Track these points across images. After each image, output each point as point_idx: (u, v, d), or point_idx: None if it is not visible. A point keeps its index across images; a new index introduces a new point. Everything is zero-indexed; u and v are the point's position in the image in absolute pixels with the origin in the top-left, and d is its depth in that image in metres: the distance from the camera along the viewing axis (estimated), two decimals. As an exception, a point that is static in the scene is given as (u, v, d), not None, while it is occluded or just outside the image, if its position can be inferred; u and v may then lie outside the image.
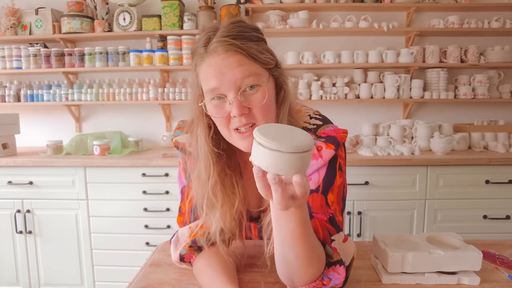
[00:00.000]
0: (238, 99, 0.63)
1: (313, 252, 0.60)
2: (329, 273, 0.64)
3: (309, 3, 2.31)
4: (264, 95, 0.65)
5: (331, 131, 0.73)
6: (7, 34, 2.42)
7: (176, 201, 2.02)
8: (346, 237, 0.68)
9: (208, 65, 0.65)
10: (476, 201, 1.97)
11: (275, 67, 0.70)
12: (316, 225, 0.66)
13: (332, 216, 0.68)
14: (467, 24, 2.27)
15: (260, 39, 0.69)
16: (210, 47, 0.64)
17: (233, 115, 0.64)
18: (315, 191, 0.69)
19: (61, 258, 2.09)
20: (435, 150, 2.07)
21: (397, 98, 2.33)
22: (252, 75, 0.64)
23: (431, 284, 0.69)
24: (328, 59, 2.32)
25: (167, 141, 2.49)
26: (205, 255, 0.75)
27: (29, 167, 2.04)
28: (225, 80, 0.63)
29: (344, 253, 0.65)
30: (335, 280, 0.64)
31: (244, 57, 0.64)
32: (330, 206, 0.69)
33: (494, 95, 2.37)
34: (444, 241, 0.76)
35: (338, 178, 0.71)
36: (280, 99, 0.71)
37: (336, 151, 0.70)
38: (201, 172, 0.72)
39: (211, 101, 0.66)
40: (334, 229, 0.67)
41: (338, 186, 0.71)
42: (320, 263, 0.62)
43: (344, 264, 0.64)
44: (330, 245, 0.65)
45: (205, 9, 2.34)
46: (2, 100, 2.48)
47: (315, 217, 0.67)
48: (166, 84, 2.45)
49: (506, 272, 0.74)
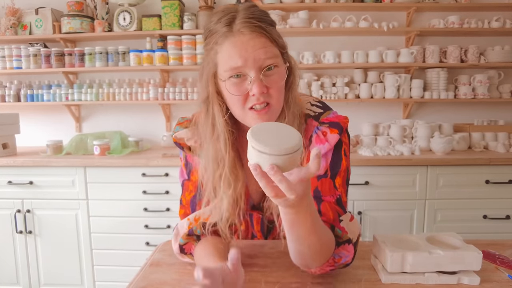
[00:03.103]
0: (260, 78, 0.66)
1: (324, 240, 0.64)
2: (340, 252, 0.69)
3: (309, 3, 2.31)
4: (282, 76, 0.70)
5: (334, 118, 0.77)
6: (7, 34, 2.42)
7: (176, 201, 2.02)
8: (352, 216, 0.73)
9: (233, 44, 0.66)
10: (476, 201, 1.97)
11: (286, 52, 0.74)
12: (326, 208, 0.71)
13: (339, 197, 0.73)
14: (467, 24, 2.27)
15: (275, 24, 0.73)
16: (236, 27, 0.67)
17: (253, 94, 0.67)
18: (324, 176, 0.74)
19: (61, 258, 2.09)
20: (435, 150, 2.07)
21: (397, 98, 2.33)
22: (273, 57, 0.68)
23: (431, 284, 0.69)
24: (328, 59, 2.32)
25: (167, 141, 2.49)
26: (202, 243, 0.77)
27: (29, 167, 2.04)
28: (250, 59, 0.66)
29: (351, 232, 0.70)
30: (345, 258, 0.69)
31: (268, 40, 0.68)
32: (337, 188, 0.74)
33: (494, 95, 2.37)
34: (444, 241, 0.76)
35: (344, 162, 0.75)
36: (290, 83, 0.74)
37: (340, 135, 0.74)
38: (219, 150, 0.73)
39: (229, 79, 0.68)
40: (342, 210, 0.72)
41: (344, 170, 0.75)
42: (331, 246, 0.67)
43: (352, 241, 0.69)
44: (339, 226, 0.69)
45: (205, 9, 2.34)
46: (2, 100, 2.48)
47: (324, 200, 0.72)
48: (166, 84, 2.45)
49: (506, 272, 0.74)
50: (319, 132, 0.75)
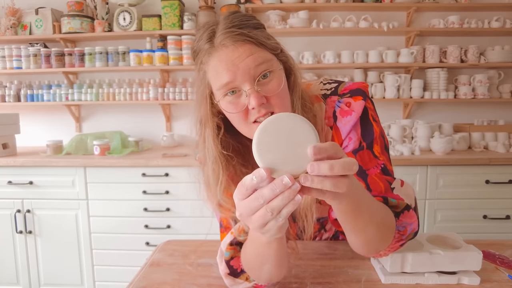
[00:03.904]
0: (255, 89, 0.60)
1: (384, 218, 0.60)
2: (402, 222, 0.64)
3: (309, 3, 2.31)
4: (280, 81, 0.63)
5: (352, 85, 0.72)
6: (7, 34, 2.42)
7: (176, 201, 2.03)
8: (402, 181, 0.68)
9: (218, 60, 0.61)
10: (476, 201, 1.97)
11: (281, 52, 0.68)
12: (374, 180, 0.66)
13: (384, 166, 0.68)
14: (467, 24, 2.27)
15: (262, 25, 0.68)
16: (216, 41, 0.62)
17: (252, 107, 0.60)
18: (360, 149, 0.68)
19: (61, 258, 2.09)
20: (435, 150, 2.07)
21: (397, 98, 2.33)
22: (264, 62, 0.62)
23: (431, 284, 0.69)
24: (328, 59, 2.32)
25: (167, 141, 2.49)
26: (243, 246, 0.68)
27: (29, 167, 2.04)
28: (239, 72, 0.60)
29: (407, 196, 0.66)
30: (410, 226, 0.64)
31: (253, 45, 0.62)
32: (378, 157, 0.68)
33: (494, 95, 2.37)
34: (444, 241, 0.76)
35: (376, 128, 0.70)
36: (292, 84, 0.69)
37: (364, 101, 0.69)
38: (209, 176, 0.68)
39: (224, 98, 0.63)
40: (391, 178, 0.67)
41: (379, 137, 0.69)
42: (391, 222, 0.62)
43: (411, 206, 0.65)
44: (392, 195, 0.65)
45: (205, 9, 2.34)
46: (2, 100, 2.48)
47: (369, 174, 0.66)
48: (166, 84, 2.45)
49: (506, 272, 0.73)
50: (342, 104, 0.70)
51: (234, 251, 0.68)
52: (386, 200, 0.64)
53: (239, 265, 0.67)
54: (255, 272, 0.65)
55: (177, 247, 0.91)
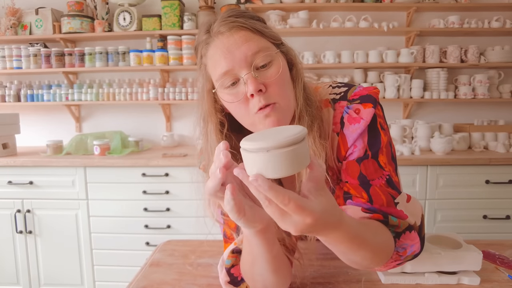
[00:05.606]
0: (252, 74, 0.59)
1: (378, 243, 0.57)
2: (402, 243, 0.61)
3: (309, 3, 2.31)
4: (278, 67, 0.61)
5: (362, 91, 0.68)
6: (7, 34, 2.42)
7: (176, 201, 2.02)
8: (408, 196, 0.65)
9: (215, 48, 0.61)
10: (476, 201, 1.97)
11: (282, 44, 0.67)
12: (377, 193, 0.62)
13: (389, 177, 0.65)
14: (467, 24, 2.27)
15: (260, 18, 0.67)
16: (213, 30, 0.62)
17: (250, 93, 0.59)
18: (365, 158, 0.65)
19: (61, 258, 2.09)
20: (435, 150, 2.07)
21: (397, 98, 2.33)
22: (262, 49, 0.60)
23: (431, 284, 0.69)
24: (328, 59, 2.32)
25: (167, 141, 2.49)
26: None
27: (29, 167, 2.04)
28: (236, 58, 0.59)
29: (412, 214, 0.62)
30: (411, 248, 0.61)
31: (249, 32, 0.61)
32: (384, 168, 0.65)
33: (494, 95, 2.37)
34: (444, 241, 0.76)
35: (383, 137, 0.66)
36: (294, 76, 0.67)
37: (374, 108, 0.65)
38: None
39: (224, 90, 0.62)
40: (395, 192, 0.64)
41: (386, 146, 0.66)
42: (389, 244, 0.59)
43: (414, 227, 0.61)
44: (395, 211, 0.61)
45: (205, 9, 2.34)
46: (2, 100, 2.48)
47: (373, 185, 0.63)
48: (166, 84, 2.45)
49: (506, 272, 0.74)
50: (351, 111, 0.67)
51: (236, 258, 0.67)
52: (386, 218, 0.61)
53: (240, 273, 0.67)
54: (248, 275, 0.64)
55: (177, 247, 0.91)
